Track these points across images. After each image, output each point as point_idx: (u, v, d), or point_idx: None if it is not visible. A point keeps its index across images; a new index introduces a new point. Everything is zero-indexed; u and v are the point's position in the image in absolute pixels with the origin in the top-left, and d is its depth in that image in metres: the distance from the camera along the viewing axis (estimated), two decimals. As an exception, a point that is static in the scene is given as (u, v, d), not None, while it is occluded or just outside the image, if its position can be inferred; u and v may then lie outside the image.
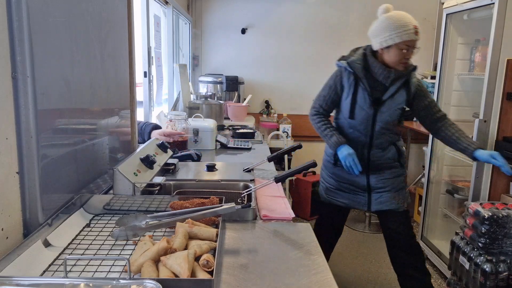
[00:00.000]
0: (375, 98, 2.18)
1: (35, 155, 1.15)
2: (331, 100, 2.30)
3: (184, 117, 2.54)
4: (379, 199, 2.33)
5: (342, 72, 2.25)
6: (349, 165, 2.20)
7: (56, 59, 1.26)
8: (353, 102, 2.21)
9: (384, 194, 2.32)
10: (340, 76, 2.25)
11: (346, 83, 2.23)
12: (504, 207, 2.34)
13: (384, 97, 2.18)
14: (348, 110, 2.23)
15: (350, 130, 2.29)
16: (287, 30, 4.37)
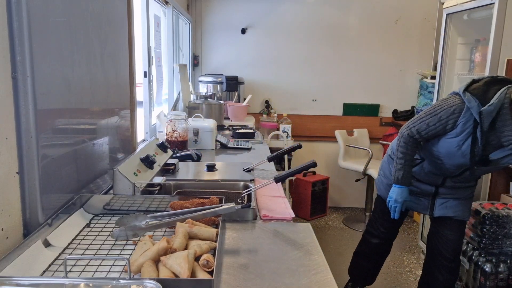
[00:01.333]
0: (483, 157, 1.85)
1: (35, 155, 1.15)
2: (433, 133, 1.94)
3: (184, 117, 2.54)
4: (445, 204, 2.12)
5: (462, 111, 1.82)
6: (390, 207, 2.07)
7: (56, 59, 1.26)
8: (458, 147, 1.88)
9: (451, 200, 2.11)
10: (459, 114, 1.83)
11: (461, 125, 1.84)
12: (504, 207, 2.34)
13: (493, 156, 1.85)
14: (446, 148, 1.92)
15: (437, 162, 2.00)
16: (287, 30, 4.37)
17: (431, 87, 4.07)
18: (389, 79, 4.43)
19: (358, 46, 4.38)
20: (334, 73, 4.45)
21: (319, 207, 4.35)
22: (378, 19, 4.33)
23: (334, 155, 4.45)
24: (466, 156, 1.86)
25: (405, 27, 4.31)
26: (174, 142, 2.47)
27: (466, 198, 2.12)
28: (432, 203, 2.14)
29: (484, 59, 2.83)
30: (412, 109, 4.45)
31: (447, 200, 2.11)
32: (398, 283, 3.09)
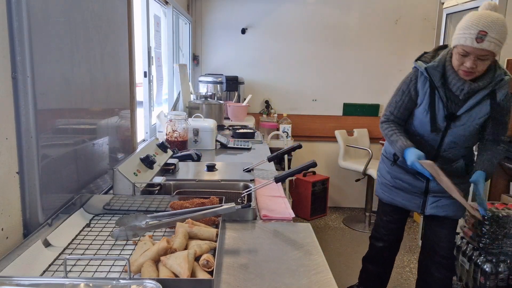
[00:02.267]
0: (450, 113, 1.94)
1: (35, 155, 1.15)
2: (404, 107, 2.05)
3: (184, 117, 2.54)
4: (436, 203, 2.13)
5: (417, 77, 1.99)
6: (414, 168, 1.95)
7: (56, 59, 1.26)
8: (426, 112, 1.99)
9: (443, 199, 2.11)
10: (415, 80, 2.00)
11: (421, 89, 1.99)
12: (504, 207, 2.34)
13: (460, 111, 1.93)
14: (419, 119, 2.03)
15: (417, 138, 2.06)
16: (287, 30, 4.37)
17: (431, 87, 4.07)
18: (389, 79, 4.43)
19: (358, 46, 4.38)
20: (334, 73, 4.45)
21: (319, 207, 4.35)
22: (378, 19, 4.33)
23: (334, 155, 4.45)
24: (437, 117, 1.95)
25: (405, 27, 4.31)
26: (174, 142, 2.47)
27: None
28: (424, 201, 2.15)
29: (484, 59, 2.83)
30: (412, 109, 4.45)
31: (439, 199, 2.12)
32: (398, 283, 3.09)
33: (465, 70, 1.83)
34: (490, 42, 1.73)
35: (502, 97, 1.89)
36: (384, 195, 2.28)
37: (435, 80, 1.93)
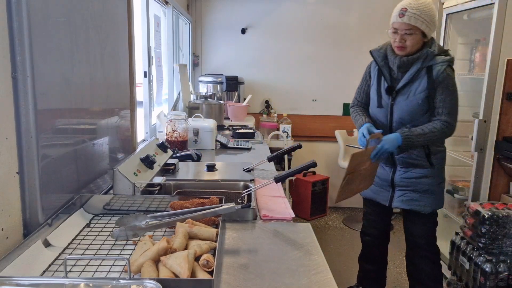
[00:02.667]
0: (389, 87, 2.11)
1: (35, 155, 1.15)
2: (363, 91, 2.29)
3: (184, 117, 2.54)
4: (401, 197, 2.21)
5: (371, 62, 2.23)
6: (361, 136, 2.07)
7: (56, 59, 1.26)
8: (374, 91, 2.18)
9: (408, 193, 2.19)
10: (370, 66, 2.25)
11: (372, 72, 2.22)
12: (504, 207, 2.34)
13: (398, 86, 2.08)
14: (372, 100, 2.21)
15: (374, 119, 2.21)
16: (287, 30, 4.37)
17: (431, 87, 4.06)
18: (389, 79, 4.43)
19: (358, 46, 4.38)
20: (334, 73, 4.45)
21: (319, 207, 4.35)
22: (378, 19, 4.32)
23: (334, 155, 4.45)
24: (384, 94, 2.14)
25: (405, 27, 4.31)
26: (174, 142, 2.47)
27: (424, 191, 2.16)
28: (392, 195, 2.24)
29: (484, 59, 2.83)
30: (412, 109, 4.44)
31: (405, 193, 2.20)
32: (398, 283, 3.09)
33: (397, 45, 2.03)
34: (410, 16, 1.95)
35: (437, 73, 2.01)
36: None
37: (378, 60, 2.15)
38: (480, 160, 2.69)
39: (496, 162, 2.64)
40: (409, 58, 2.04)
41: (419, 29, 1.98)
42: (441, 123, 2.04)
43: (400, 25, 1.99)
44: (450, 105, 2.04)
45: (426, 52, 2.02)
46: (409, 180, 2.18)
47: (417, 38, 2.01)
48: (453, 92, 2.05)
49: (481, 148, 2.67)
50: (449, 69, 2.04)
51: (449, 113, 2.04)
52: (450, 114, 2.04)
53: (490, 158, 2.66)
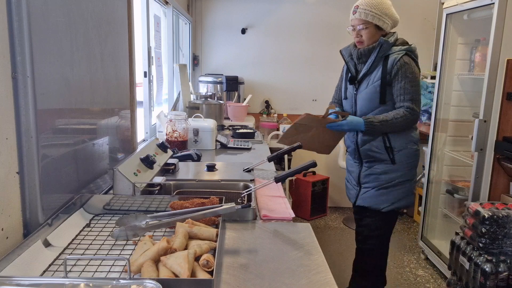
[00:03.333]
0: (351, 77, 2.24)
1: (35, 155, 1.15)
2: (339, 89, 2.42)
3: (184, 117, 2.54)
4: (364, 194, 2.27)
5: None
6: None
7: (56, 59, 1.26)
8: (343, 84, 2.33)
9: (370, 190, 2.25)
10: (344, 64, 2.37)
11: (344, 70, 2.37)
12: (504, 207, 2.34)
13: (359, 76, 2.20)
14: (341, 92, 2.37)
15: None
16: (287, 30, 4.37)
17: (431, 87, 4.06)
18: (389, 79, 4.43)
19: (358, 46, 4.38)
20: (334, 73, 4.42)
21: (319, 207, 4.35)
22: (378, 19, 4.32)
23: (334, 155, 4.44)
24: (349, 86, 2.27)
25: (405, 27, 4.30)
26: (174, 142, 2.47)
27: (384, 187, 2.22)
28: (358, 192, 2.32)
29: (484, 59, 2.83)
30: (412, 109, 4.44)
31: (368, 190, 2.26)
32: (398, 283, 3.09)
33: (356, 40, 2.19)
34: (361, 12, 2.11)
35: (392, 62, 2.10)
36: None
37: (345, 56, 2.29)
38: (480, 160, 2.69)
39: (496, 162, 2.64)
40: (365, 49, 2.16)
41: (371, 23, 2.11)
42: (403, 109, 2.08)
43: (355, 21, 2.14)
44: (410, 92, 2.08)
45: (380, 41, 2.13)
46: (371, 177, 2.25)
47: (372, 32, 2.14)
48: (413, 79, 2.09)
49: (481, 148, 2.67)
50: (406, 57, 2.11)
51: (411, 100, 2.08)
52: (412, 100, 2.09)
53: (490, 158, 2.66)
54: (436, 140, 3.36)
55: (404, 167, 2.21)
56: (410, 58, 2.13)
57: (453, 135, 3.35)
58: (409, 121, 2.10)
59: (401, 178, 2.21)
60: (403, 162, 2.20)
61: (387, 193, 2.22)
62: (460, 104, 3.30)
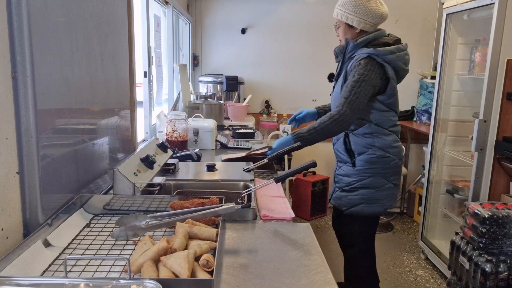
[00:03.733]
0: (330, 74, 2.31)
1: (35, 155, 1.15)
2: None
3: (184, 117, 2.54)
4: (334, 194, 2.28)
5: None
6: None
7: (56, 59, 1.26)
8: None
9: (337, 190, 2.24)
10: None
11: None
12: (504, 207, 2.34)
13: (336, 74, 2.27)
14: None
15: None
16: (287, 30, 4.37)
17: (431, 87, 4.07)
18: (389, 79, 4.42)
19: (358, 46, 4.38)
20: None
21: (319, 207, 4.35)
22: (378, 19, 4.32)
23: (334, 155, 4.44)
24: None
25: (405, 27, 4.31)
26: (174, 142, 2.47)
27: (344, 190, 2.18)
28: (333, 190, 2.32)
29: (484, 59, 2.83)
30: (412, 109, 4.45)
31: (336, 190, 2.27)
32: (398, 283, 3.09)
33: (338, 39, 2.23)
34: (336, 11, 2.17)
35: (353, 62, 2.06)
36: None
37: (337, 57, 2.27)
38: (480, 160, 2.69)
39: (496, 162, 2.64)
40: (338, 48, 2.20)
41: (342, 21, 2.12)
42: (334, 111, 1.97)
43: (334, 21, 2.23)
44: (347, 92, 1.97)
45: (347, 41, 2.11)
46: (338, 177, 2.24)
47: (344, 30, 2.13)
48: (357, 81, 1.96)
49: (481, 148, 2.67)
50: (366, 59, 1.99)
51: (345, 99, 1.96)
52: (345, 101, 1.96)
53: (490, 158, 2.66)
54: (436, 140, 3.36)
55: (363, 172, 2.11)
56: (373, 61, 2.00)
57: (453, 135, 3.36)
58: (337, 122, 1.94)
59: (358, 183, 2.13)
60: (362, 167, 2.11)
61: (345, 196, 2.18)
62: (460, 104, 3.30)
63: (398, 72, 2.13)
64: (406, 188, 4.55)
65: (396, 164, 2.15)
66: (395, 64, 2.07)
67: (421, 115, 4.27)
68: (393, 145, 2.12)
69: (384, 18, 2.12)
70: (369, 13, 2.04)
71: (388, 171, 2.13)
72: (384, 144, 2.10)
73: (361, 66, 1.99)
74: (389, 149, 2.10)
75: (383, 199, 2.15)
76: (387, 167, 2.12)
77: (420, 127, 4.10)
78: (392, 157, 2.12)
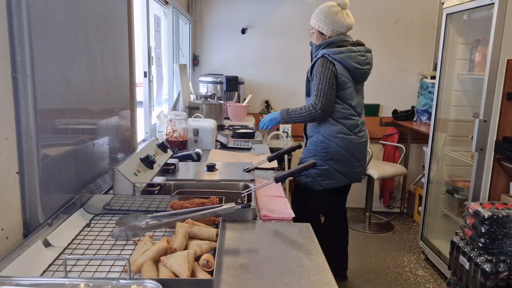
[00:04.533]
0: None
1: (35, 155, 1.15)
2: None
3: (184, 117, 2.54)
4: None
5: None
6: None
7: (56, 59, 1.26)
8: None
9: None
10: None
11: None
12: (504, 207, 2.34)
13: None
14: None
15: None
16: (287, 30, 4.37)
17: (431, 87, 4.07)
18: (389, 79, 4.43)
19: (358, 46, 4.37)
20: (334, 73, 4.44)
21: (319, 207, 4.34)
22: (378, 19, 4.33)
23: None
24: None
25: (405, 27, 4.31)
26: (174, 142, 2.47)
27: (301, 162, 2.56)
28: None
29: (484, 59, 2.83)
30: (412, 109, 4.45)
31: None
32: (398, 283, 3.09)
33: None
34: (312, 20, 2.53)
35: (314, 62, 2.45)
36: None
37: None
38: (480, 160, 2.69)
39: (496, 162, 2.64)
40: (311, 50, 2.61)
41: (315, 29, 2.49)
42: (309, 104, 2.42)
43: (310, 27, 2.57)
44: (315, 88, 2.40)
45: (311, 44, 2.56)
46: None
47: (317, 36, 2.52)
48: (320, 78, 2.38)
49: (481, 148, 2.67)
50: (322, 59, 2.40)
51: (315, 96, 2.39)
52: (316, 96, 2.39)
53: (490, 158, 2.66)
54: (436, 140, 3.36)
55: (309, 152, 2.55)
56: (327, 60, 2.39)
57: (453, 135, 3.36)
58: (311, 114, 2.40)
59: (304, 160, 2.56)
60: (309, 148, 2.56)
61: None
62: (460, 104, 3.30)
63: (351, 70, 2.43)
64: (406, 188, 4.55)
65: (339, 153, 2.47)
66: (345, 62, 2.40)
67: (421, 115, 4.27)
68: (337, 135, 2.45)
69: (349, 28, 2.55)
70: (336, 23, 2.46)
71: (327, 156, 2.48)
72: (328, 132, 2.46)
73: (318, 65, 2.40)
74: (331, 137, 2.46)
75: (318, 177, 2.52)
76: (327, 152, 2.48)
77: (420, 127, 4.10)
78: (333, 145, 2.46)
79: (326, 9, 2.45)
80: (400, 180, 4.62)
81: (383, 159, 4.53)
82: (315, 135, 2.51)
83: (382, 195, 4.64)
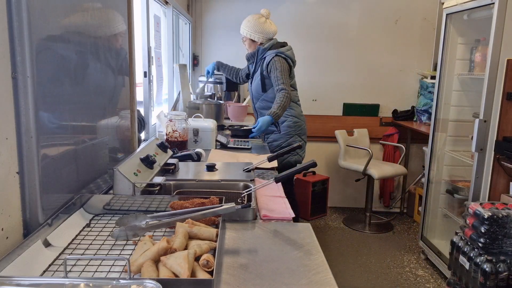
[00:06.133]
0: (247, 74, 3.26)
1: (35, 155, 1.15)
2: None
3: (184, 117, 2.54)
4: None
5: None
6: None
7: (56, 59, 1.26)
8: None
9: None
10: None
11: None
12: (504, 207, 2.34)
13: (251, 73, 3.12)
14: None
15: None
16: (287, 30, 4.36)
17: (431, 87, 4.07)
18: (389, 79, 4.43)
19: (358, 46, 4.38)
20: (334, 73, 4.45)
21: (319, 207, 4.35)
22: (378, 19, 4.33)
23: (334, 155, 4.45)
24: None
25: (405, 27, 4.31)
26: (174, 142, 2.47)
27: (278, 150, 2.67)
28: None
29: (484, 59, 2.83)
30: (412, 109, 4.45)
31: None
32: (398, 283, 3.09)
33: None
34: (243, 30, 3.03)
35: (267, 61, 2.92)
36: None
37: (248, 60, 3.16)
38: (480, 160, 2.69)
39: (496, 162, 2.64)
40: (249, 53, 3.08)
41: (247, 37, 3.01)
42: (280, 93, 2.79)
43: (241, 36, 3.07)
44: (279, 78, 2.84)
45: (258, 48, 2.99)
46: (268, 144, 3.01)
47: (249, 43, 3.05)
48: (280, 70, 2.85)
49: (481, 148, 2.67)
50: (276, 57, 2.90)
51: (282, 83, 2.82)
52: (282, 84, 2.82)
53: (490, 158, 2.66)
54: (436, 140, 3.36)
55: (286, 134, 3.01)
56: (280, 57, 2.90)
57: (453, 135, 3.36)
58: (287, 99, 2.79)
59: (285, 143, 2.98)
60: (285, 131, 3.01)
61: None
62: (460, 104, 3.30)
63: (294, 63, 3.05)
64: (406, 188, 4.55)
65: (304, 127, 3.12)
66: (292, 57, 3.00)
67: (421, 115, 4.27)
68: (300, 114, 3.12)
69: (274, 33, 3.05)
70: (264, 31, 2.98)
71: (300, 132, 3.08)
72: (298, 112, 3.09)
73: (276, 61, 2.88)
74: (299, 116, 3.09)
75: (301, 152, 3.08)
76: (299, 129, 3.06)
77: (420, 127, 4.10)
78: (301, 122, 3.09)
79: (253, 21, 2.98)
80: (400, 180, 4.62)
81: (383, 159, 4.53)
82: (289, 118, 3.01)
83: (382, 195, 4.64)
